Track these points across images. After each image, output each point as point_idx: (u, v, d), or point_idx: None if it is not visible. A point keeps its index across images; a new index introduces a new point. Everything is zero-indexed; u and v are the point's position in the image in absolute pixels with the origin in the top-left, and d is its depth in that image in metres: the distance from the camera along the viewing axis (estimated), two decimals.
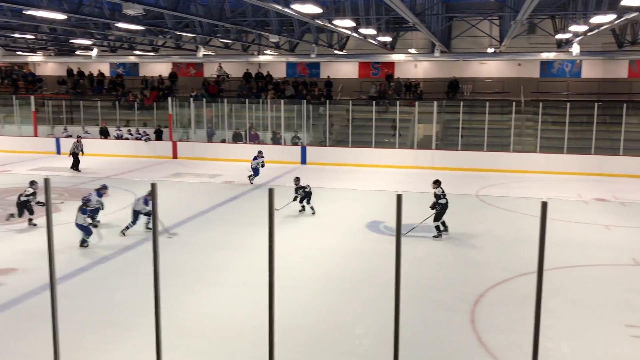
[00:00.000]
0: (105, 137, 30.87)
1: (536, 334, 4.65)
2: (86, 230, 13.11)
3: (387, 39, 26.12)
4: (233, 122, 29.96)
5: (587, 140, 24.68)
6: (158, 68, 37.38)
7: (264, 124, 29.70)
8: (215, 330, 8.83)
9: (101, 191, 14.71)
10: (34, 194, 14.66)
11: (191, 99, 30.39)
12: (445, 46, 27.15)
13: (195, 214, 16.37)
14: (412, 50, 29.17)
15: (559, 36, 24.72)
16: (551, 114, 26.98)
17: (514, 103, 26.49)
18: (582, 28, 19.46)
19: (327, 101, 29.51)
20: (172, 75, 36.31)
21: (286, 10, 14.98)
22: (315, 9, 14.54)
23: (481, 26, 25.95)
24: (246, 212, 16.68)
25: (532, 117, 27.28)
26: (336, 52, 28.94)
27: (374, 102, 27.83)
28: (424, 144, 26.74)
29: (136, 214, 13.95)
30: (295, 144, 28.12)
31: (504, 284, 10.90)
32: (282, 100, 28.68)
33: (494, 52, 27.97)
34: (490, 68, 31.33)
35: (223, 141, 29.44)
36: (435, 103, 26.22)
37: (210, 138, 30.08)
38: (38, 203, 14.77)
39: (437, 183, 14.10)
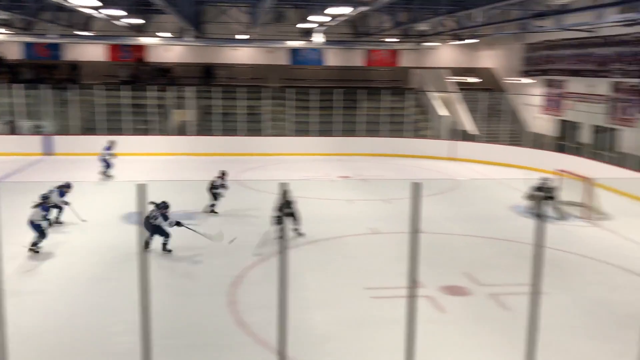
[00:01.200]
0: None
1: (282, 309, 4.87)
2: (41, 233, 11.46)
3: (138, 21, 24.98)
4: None
5: (331, 123, 26.88)
6: None
7: None
8: None
9: (63, 189, 13.52)
10: None
11: None
12: (197, 31, 26.97)
13: None
14: (164, 34, 28.37)
15: (304, 25, 26.28)
16: (300, 99, 28.72)
17: (267, 89, 27.56)
18: (323, 18, 20.92)
19: (74, 86, 27.23)
20: None
21: None
22: None
23: (232, 12, 26.36)
24: None
25: (283, 103, 28.70)
26: (79, 32, 26.78)
27: (125, 86, 26.50)
28: (181, 130, 26.40)
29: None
30: (36, 132, 25.42)
31: (262, 263, 11.30)
32: (21, 85, 25.70)
33: (246, 39, 28.68)
34: (244, 54, 32.03)
35: None
36: (191, 88, 26.02)
37: None
38: None
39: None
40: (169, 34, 28.12)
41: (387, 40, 29.81)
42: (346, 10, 17.34)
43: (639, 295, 10.31)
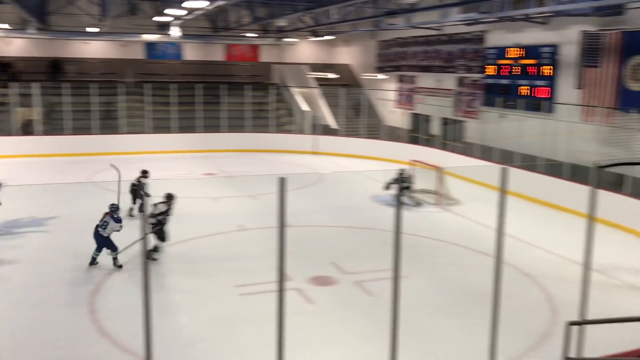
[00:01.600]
0: None
1: (147, 315, 4.68)
2: (112, 246, 10.66)
3: None
4: None
5: (193, 119, 26.30)
6: None
7: None
8: None
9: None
10: None
11: None
12: (41, 22, 25.02)
13: None
14: (3, 25, 25.97)
15: (160, 18, 25.40)
16: (159, 95, 27.75)
17: (121, 84, 26.28)
18: (180, 12, 20.37)
19: None
20: None
21: None
22: None
23: (81, 4, 24.73)
24: None
25: (141, 99, 27.55)
26: None
27: None
28: (27, 130, 24.37)
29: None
30: None
31: (124, 268, 10.78)
32: None
33: (97, 32, 27.11)
34: (95, 48, 30.24)
35: None
36: (36, 84, 24.10)
37: None
38: None
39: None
40: (7, 25, 25.79)
41: (247, 35, 29.74)
42: (203, 3, 17.04)
43: (488, 274, 11.24)
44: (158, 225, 11.21)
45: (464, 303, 9.60)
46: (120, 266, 10.76)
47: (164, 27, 26.91)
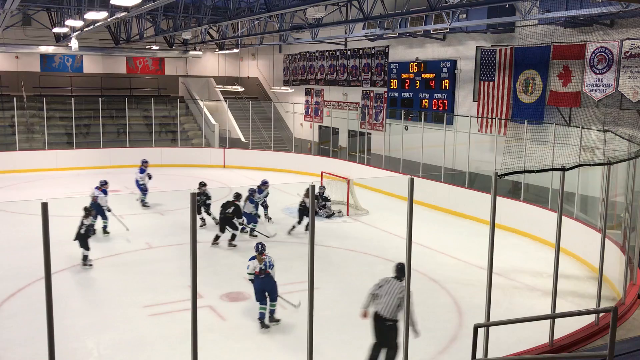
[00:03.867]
0: None
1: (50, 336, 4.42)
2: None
3: None
4: None
5: (95, 134, 25.23)
6: None
7: None
8: None
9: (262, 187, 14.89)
10: None
11: None
12: None
13: None
14: None
15: (57, 30, 24.27)
16: (57, 109, 26.45)
17: (15, 98, 24.79)
18: (78, 23, 19.58)
19: None
20: None
21: None
22: None
23: None
24: None
25: (37, 113, 26.13)
26: None
27: None
28: None
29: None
30: None
31: (20, 293, 10.13)
32: None
33: None
34: None
35: None
36: None
37: None
38: None
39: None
40: None
41: (152, 47, 29.03)
42: (101, 15, 16.49)
43: None
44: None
45: None
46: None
47: (61, 39, 25.72)
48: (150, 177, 17.49)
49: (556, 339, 7.72)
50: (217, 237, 13.32)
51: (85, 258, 11.57)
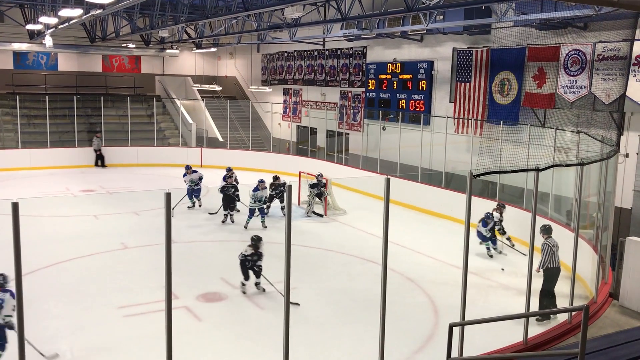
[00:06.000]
0: None
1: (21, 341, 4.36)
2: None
3: None
4: None
5: (69, 133, 24.86)
6: None
7: None
8: None
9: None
10: None
11: None
12: None
13: None
14: None
15: (31, 27, 23.87)
16: (31, 107, 26.02)
17: None
18: (53, 20, 19.28)
19: None
20: None
21: None
22: None
23: None
24: None
25: (10, 111, 25.68)
26: None
27: None
28: None
29: None
30: None
31: None
32: None
33: None
34: None
35: None
36: None
37: None
38: None
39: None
40: None
41: (128, 46, 28.72)
42: (76, 12, 16.26)
43: (374, 281, 11.59)
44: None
45: (353, 311, 9.82)
46: None
47: (35, 36, 25.31)
48: (195, 181, 16.93)
49: (530, 338, 7.83)
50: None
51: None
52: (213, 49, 28.96)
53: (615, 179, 11.94)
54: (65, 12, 16.48)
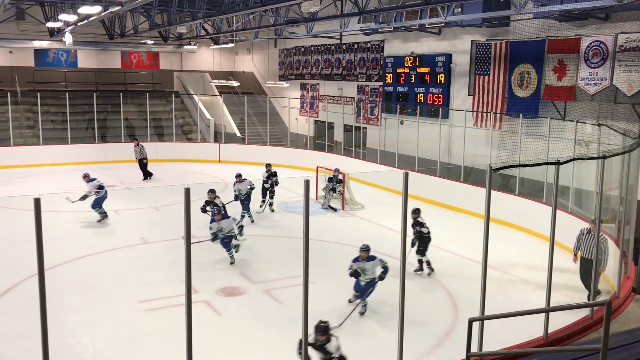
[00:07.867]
0: None
1: (44, 336, 4.42)
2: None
3: None
4: None
5: (90, 129, 25.13)
6: None
7: None
8: None
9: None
10: None
11: None
12: None
13: None
14: None
15: (51, 24, 24.14)
16: (51, 104, 26.34)
17: (9, 93, 24.66)
18: (72, 17, 19.47)
19: None
20: None
21: None
22: None
23: None
24: None
25: (31, 108, 26.01)
26: None
27: None
28: None
29: None
30: None
31: (15, 289, 10.11)
32: None
33: None
34: None
35: None
36: None
37: None
38: None
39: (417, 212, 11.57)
40: None
41: (147, 42, 28.91)
42: (95, 9, 16.40)
43: (392, 275, 11.55)
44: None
45: (371, 305, 9.81)
46: None
47: (56, 33, 25.59)
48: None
49: (551, 332, 7.75)
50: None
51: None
52: (230, 45, 29.04)
53: (638, 172, 11.76)
54: (84, 10, 16.63)
